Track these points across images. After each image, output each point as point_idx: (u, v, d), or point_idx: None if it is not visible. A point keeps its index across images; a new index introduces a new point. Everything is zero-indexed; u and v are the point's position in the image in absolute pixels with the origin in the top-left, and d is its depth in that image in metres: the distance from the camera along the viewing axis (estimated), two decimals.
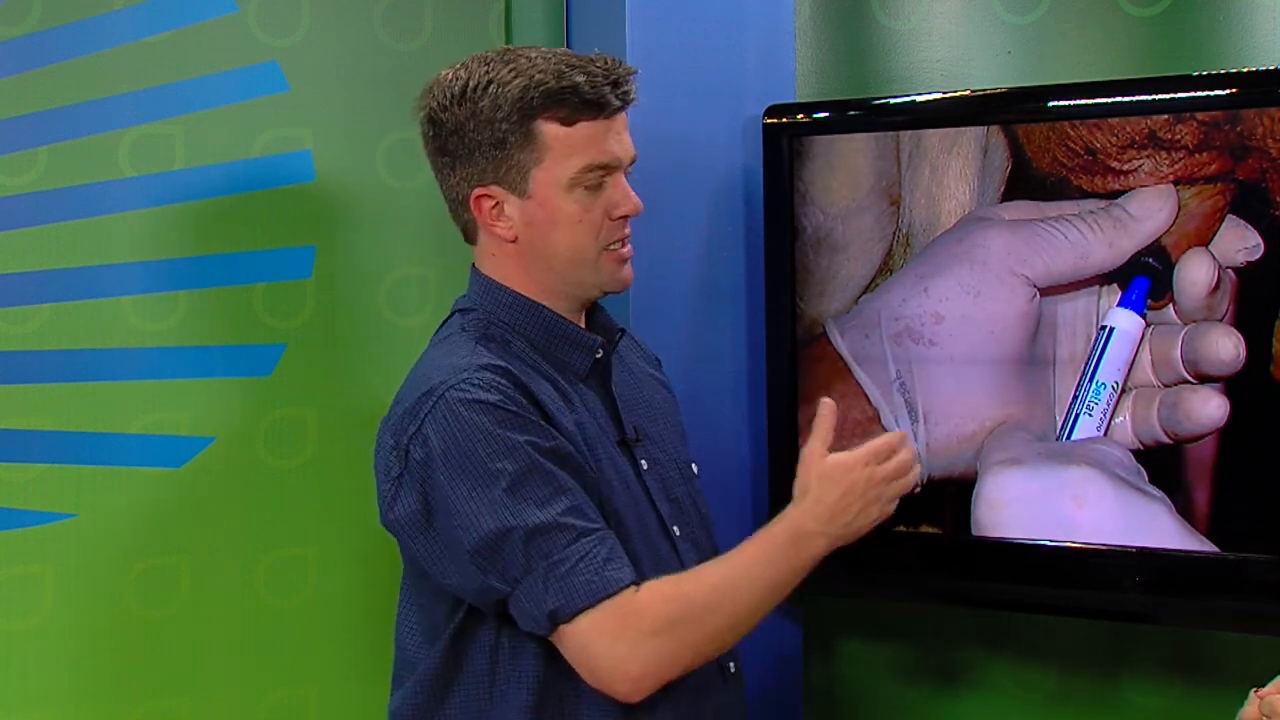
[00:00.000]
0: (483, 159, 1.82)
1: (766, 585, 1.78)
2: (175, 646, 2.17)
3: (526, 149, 1.80)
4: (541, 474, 1.72)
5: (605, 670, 1.72)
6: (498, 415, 1.73)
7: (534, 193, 1.82)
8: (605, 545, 1.73)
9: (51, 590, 2.10)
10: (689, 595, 1.75)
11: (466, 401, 1.73)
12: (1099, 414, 2.09)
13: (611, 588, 1.70)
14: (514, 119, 1.79)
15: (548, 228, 1.83)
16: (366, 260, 2.30)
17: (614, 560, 1.72)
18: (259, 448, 2.22)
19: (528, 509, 1.71)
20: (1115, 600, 2.13)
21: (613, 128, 1.83)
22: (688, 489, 1.94)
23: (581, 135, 1.80)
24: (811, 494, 1.80)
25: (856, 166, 2.24)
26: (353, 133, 2.28)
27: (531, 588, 1.71)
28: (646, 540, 1.84)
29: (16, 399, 2.07)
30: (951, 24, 2.38)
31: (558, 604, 1.70)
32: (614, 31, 2.30)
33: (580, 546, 1.71)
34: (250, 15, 2.20)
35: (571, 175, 1.80)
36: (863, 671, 2.54)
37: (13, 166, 2.07)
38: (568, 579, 1.70)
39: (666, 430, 1.96)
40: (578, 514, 1.73)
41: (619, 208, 1.84)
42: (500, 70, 1.81)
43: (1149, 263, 2.05)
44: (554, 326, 1.86)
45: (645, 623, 1.71)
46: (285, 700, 2.24)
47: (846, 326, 2.26)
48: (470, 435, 1.72)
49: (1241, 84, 2.02)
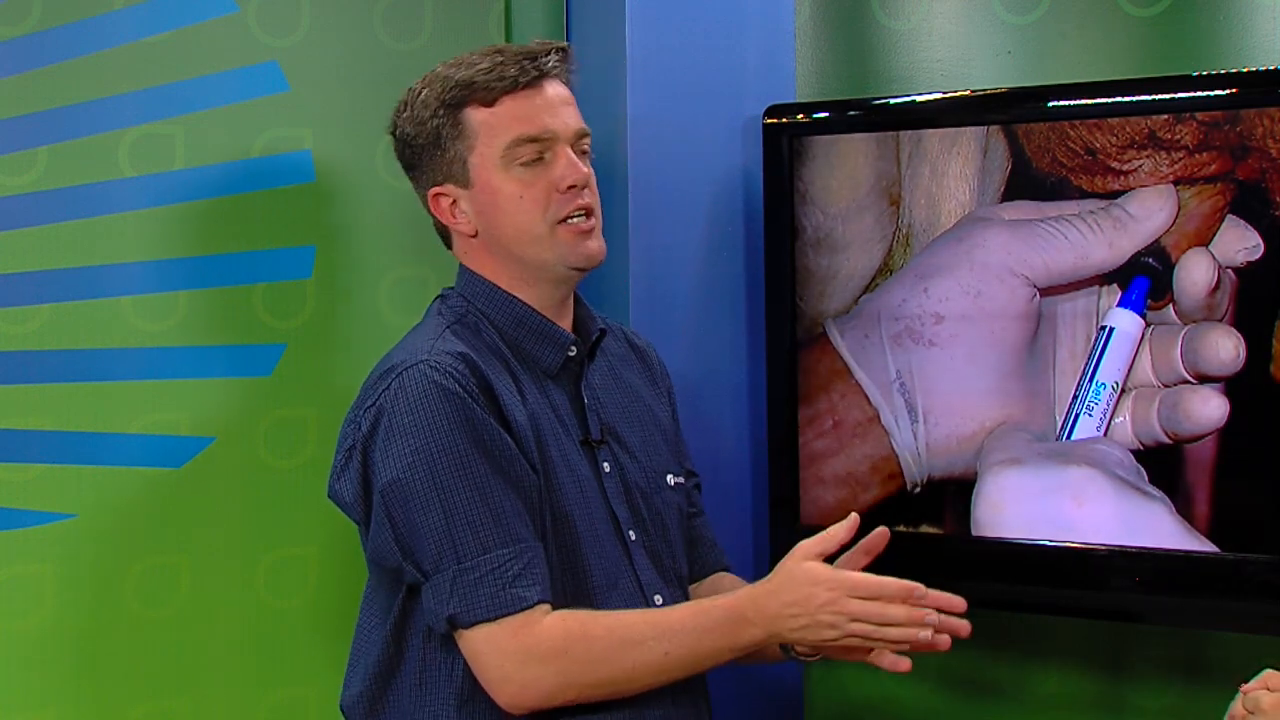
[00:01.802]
0: (429, 160, 1.87)
1: (686, 653, 1.75)
2: (175, 646, 2.17)
3: (459, 139, 1.85)
4: (473, 477, 1.73)
5: (489, 680, 1.74)
6: (449, 403, 1.75)
7: (475, 180, 1.85)
8: (521, 560, 1.73)
9: (51, 590, 2.10)
10: (591, 636, 1.74)
11: (421, 381, 1.76)
12: (1099, 414, 2.09)
13: (514, 606, 1.71)
14: (442, 114, 1.84)
15: (494, 212, 1.85)
16: (366, 260, 2.30)
17: (525, 577, 1.72)
18: (259, 448, 2.22)
19: (450, 508, 1.72)
20: (1115, 600, 2.13)
21: (542, 100, 1.85)
22: (655, 499, 1.93)
23: (505, 111, 1.84)
24: (772, 584, 1.76)
25: (856, 166, 2.24)
26: (353, 133, 2.28)
27: (438, 586, 1.73)
28: (596, 542, 1.84)
29: (16, 399, 2.07)
30: (951, 24, 2.38)
31: (456, 610, 1.72)
32: (614, 31, 2.30)
33: (493, 558, 1.71)
34: (250, 15, 2.20)
35: (502, 152, 1.83)
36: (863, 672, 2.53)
37: (13, 166, 2.07)
38: (473, 589, 1.71)
39: (643, 438, 1.95)
40: (502, 523, 1.73)
41: (565, 179, 1.84)
42: (434, 74, 1.88)
43: (1149, 263, 2.05)
44: (526, 320, 1.87)
45: (536, 648, 1.72)
46: (285, 700, 2.24)
47: (846, 326, 2.26)
48: (416, 418, 1.75)
49: (1241, 84, 2.02)
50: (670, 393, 2.07)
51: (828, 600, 1.72)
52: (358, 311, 2.29)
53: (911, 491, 2.22)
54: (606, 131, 2.18)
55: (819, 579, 1.73)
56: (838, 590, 1.72)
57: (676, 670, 1.76)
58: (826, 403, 2.28)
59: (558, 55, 1.87)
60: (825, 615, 1.72)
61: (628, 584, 1.86)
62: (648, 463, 1.94)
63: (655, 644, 1.73)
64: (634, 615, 1.79)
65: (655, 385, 2.05)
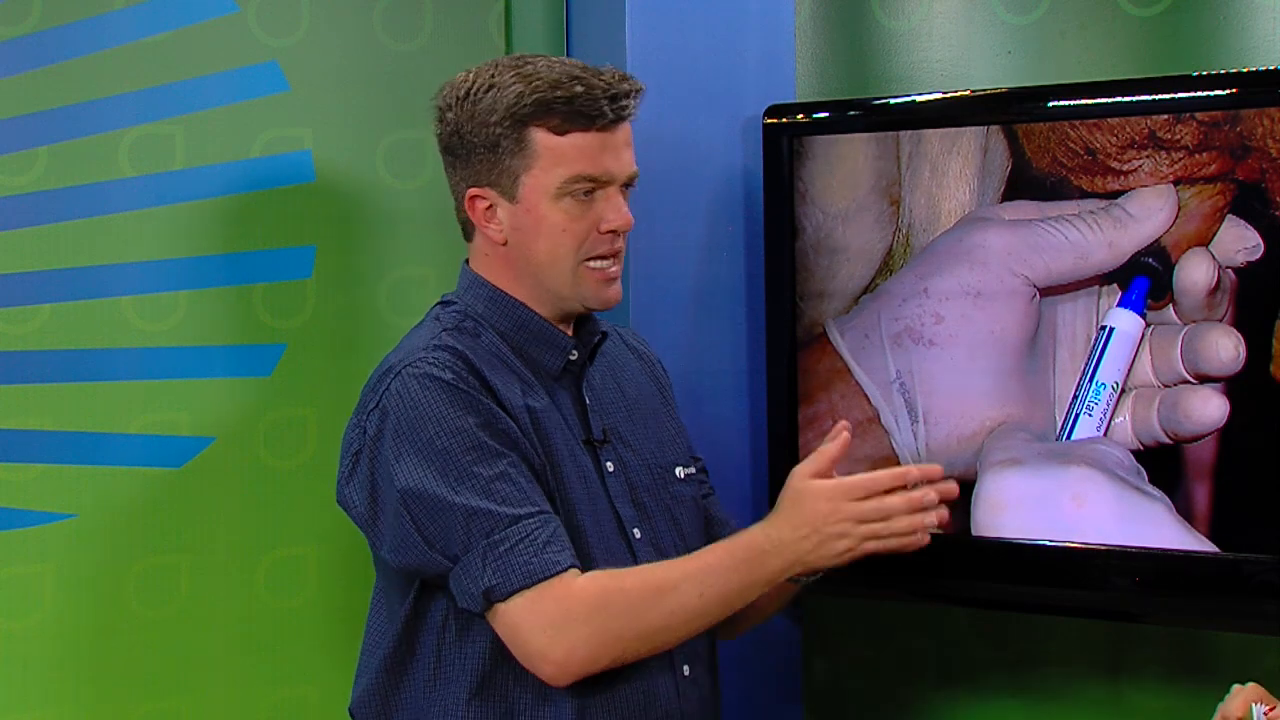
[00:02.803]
0: (478, 161, 1.84)
1: (715, 594, 1.77)
2: (175, 646, 2.17)
3: (518, 154, 1.82)
4: (487, 455, 1.74)
5: (532, 651, 1.73)
6: (449, 393, 1.76)
7: (523, 198, 1.83)
8: (547, 528, 1.74)
9: (51, 590, 2.10)
10: (626, 589, 1.75)
11: (419, 377, 1.77)
12: (1099, 414, 2.09)
13: (549, 570, 1.71)
14: (506, 124, 1.81)
15: (533, 234, 1.84)
16: (366, 260, 2.30)
17: (554, 543, 1.73)
18: (259, 448, 2.23)
19: (470, 488, 1.72)
20: (1115, 600, 2.13)
21: (609, 141, 1.83)
22: (662, 494, 1.94)
23: (572, 145, 1.81)
24: (780, 512, 1.80)
25: (856, 166, 2.24)
26: (353, 133, 2.28)
27: (469, 565, 1.73)
28: (601, 539, 1.84)
29: (16, 399, 2.07)
30: (951, 24, 2.38)
31: (494, 582, 1.71)
32: (614, 32, 2.30)
33: (521, 527, 1.72)
34: (250, 15, 2.20)
35: (559, 184, 1.81)
36: (863, 671, 2.53)
37: (13, 166, 2.07)
38: (506, 559, 1.71)
39: (648, 434, 1.96)
40: (520, 495, 1.74)
41: (607, 221, 1.84)
42: (504, 75, 1.83)
43: (1149, 263, 2.05)
44: (528, 322, 1.87)
45: (576, 608, 1.72)
46: (285, 700, 2.24)
47: (846, 326, 2.26)
48: (420, 412, 1.75)
49: (1241, 84, 2.02)
50: (669, 388, 2.08)
51: (829, 512, 1.76)
52: (358, 311, 2.29)
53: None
54: None
55: (815, 493, 1.77)
56: (835, 498, 1.77)
57: (713, 611, 1.78)
58: (826, 403, 2.28)
59: (636, 99, 1.84)
60: (831, 528, 1.76)
61: None
62: (653, 459, 1.95)
63: (688, 586, 1.75)
64: (661, 566, 1.80)
65: (656, 381, 2.05)
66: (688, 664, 1.89)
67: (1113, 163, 2.06)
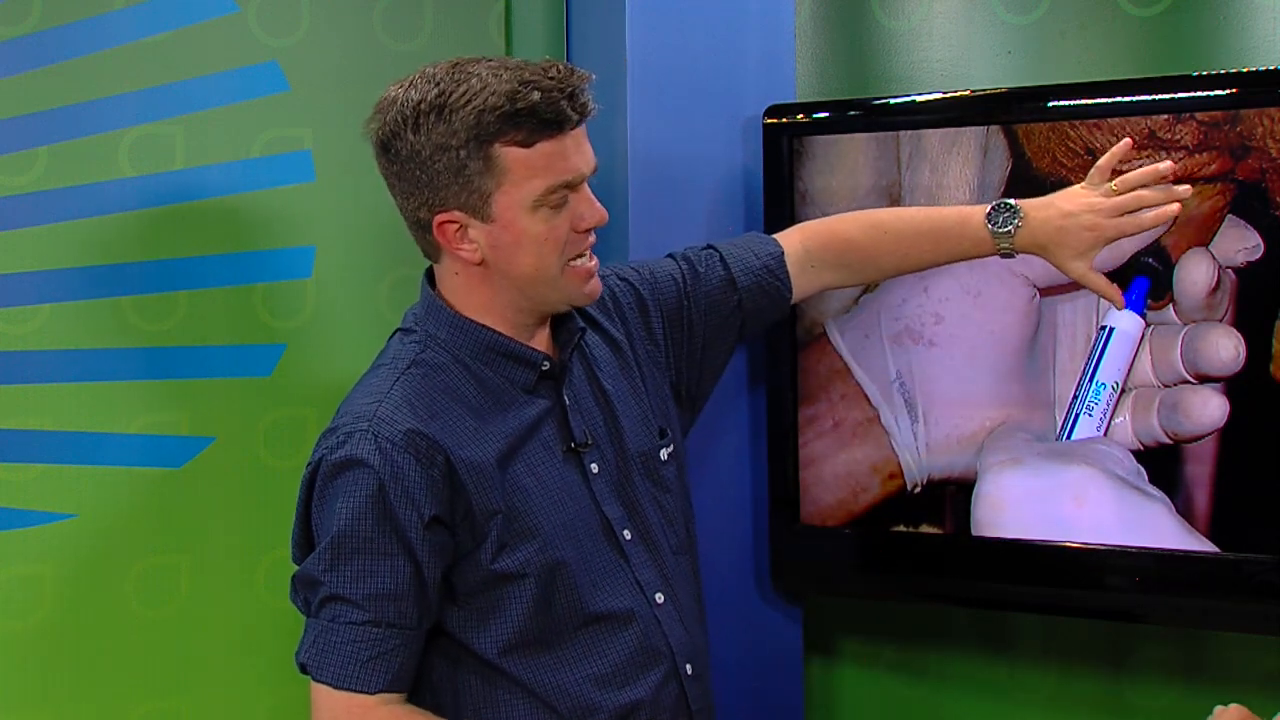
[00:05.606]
0: (443, 185, 1.77)
1: None
2: (175, 646, 2.17)
3: (487, 174, 1.75)
4: (377, 554, 1.73)
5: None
6: (371, 488, 1.73)
7: (498, 216, 1.77)
8: (385, 644, 1.74)
9: (51, 590, 2.10)
10: None
11: (352, 456, 1.74)
12: (1099, 414, 2.09)
13: (351, 685, 1.73)
14: (470, 145, 1.74)
15: (513, 249, 1.79)
16: (366, 260, 2.30)
17: (378, 662, 1.74)
18: (259, 448, 2.22)
19: (343, 577, 1.73)
20: (1115, 600, 2.13)
21: (572, 142, 1.77)
22: (648, 485, 1.92)
23: (541, 155, 1.75)
24: None
25: (856, 166, 2.24)
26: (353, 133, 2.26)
27: (309, 629, 1.77)
28: (586, 565, 1.83)
29: (16, 399, 2.07)
30: (951, 24, 2.38)
31: (308, 660, 1.76)
32: (614, 32, 2.30)
33: (361, 631, 1.73)
34: (250, 15, 2.20)
35: (535, 197, 1.76)
36: (863, 671, 2.54)
37: (13, 166, 2.07)
38: (329, 650, 1.74)
39: (631, 424, 1.92)
40: (384, 605, 1.73)
41: (584, 220, 1.80)
42: (452, 92, 1.74)
43: (1149, 263, 2.05)
44: (494, 345, 1.83)
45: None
46: (285, 700, 2.24)
47: (846, 326, 2.26)
48: (340, 503, 1.74)
49: (1241, 84, 2.02)
50: (635, 342, 2.00)
51: None
52: (358, 311, 2.29)
53: (911, 491, 2.22)
54: (607, 132, 2.18)
55: None
56: None
57: None
58: (826, 403, 2.28)
59: (589, 90, 1.78)
60: None
61: (626, 587, 1.86)
62: (635, 447, 1.92)
63: None
64: None
65: (622, 356, 1.97)
66: (689, 662, 1.89)
67: None
